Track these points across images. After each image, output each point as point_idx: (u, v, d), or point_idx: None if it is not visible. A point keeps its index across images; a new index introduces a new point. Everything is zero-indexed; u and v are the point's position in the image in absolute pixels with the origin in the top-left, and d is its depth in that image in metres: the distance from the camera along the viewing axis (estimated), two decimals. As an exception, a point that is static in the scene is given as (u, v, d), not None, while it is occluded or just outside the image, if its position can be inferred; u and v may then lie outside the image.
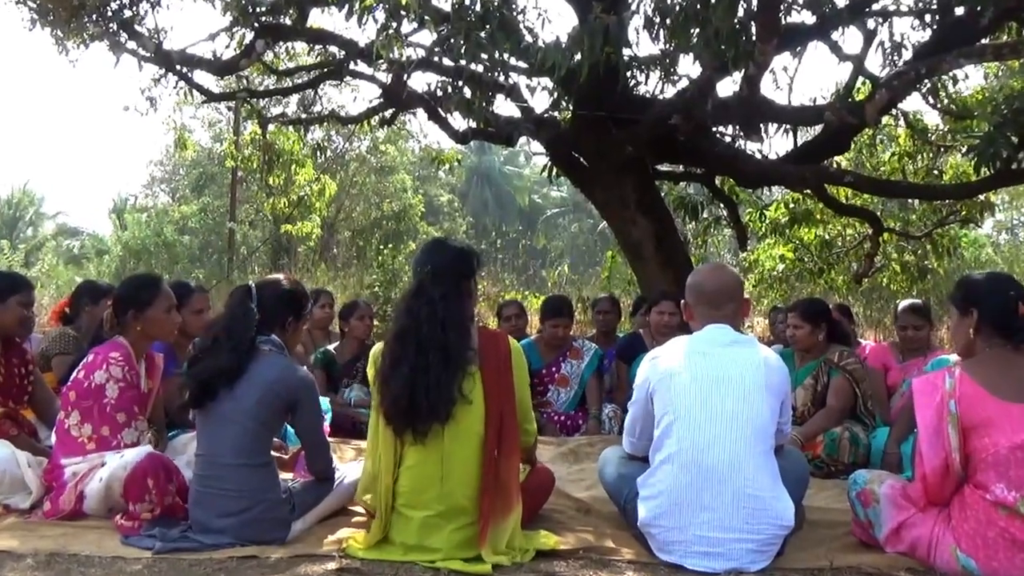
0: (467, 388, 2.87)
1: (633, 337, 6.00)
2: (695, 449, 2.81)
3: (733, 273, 3.19)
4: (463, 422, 2.87)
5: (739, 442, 2.80)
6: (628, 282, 11.73)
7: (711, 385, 2.87)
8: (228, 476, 2.99)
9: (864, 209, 9.17)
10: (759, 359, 2.93)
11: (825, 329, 4.77)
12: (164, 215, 22.99)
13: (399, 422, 2.87)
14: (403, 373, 2.84)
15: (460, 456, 2.88)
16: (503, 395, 2.94)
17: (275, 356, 3.13)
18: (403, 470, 2.92)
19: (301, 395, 3.10)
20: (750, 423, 2.82)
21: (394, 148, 23.56)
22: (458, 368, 2.86)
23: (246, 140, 10.76)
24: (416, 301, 2.91)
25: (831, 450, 4.44)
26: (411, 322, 2.88)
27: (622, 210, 7.26)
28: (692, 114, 6.25)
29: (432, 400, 2.81)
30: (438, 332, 2.85)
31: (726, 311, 3.05)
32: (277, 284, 3.30)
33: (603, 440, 5.13)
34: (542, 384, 5.76)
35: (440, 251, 3.04)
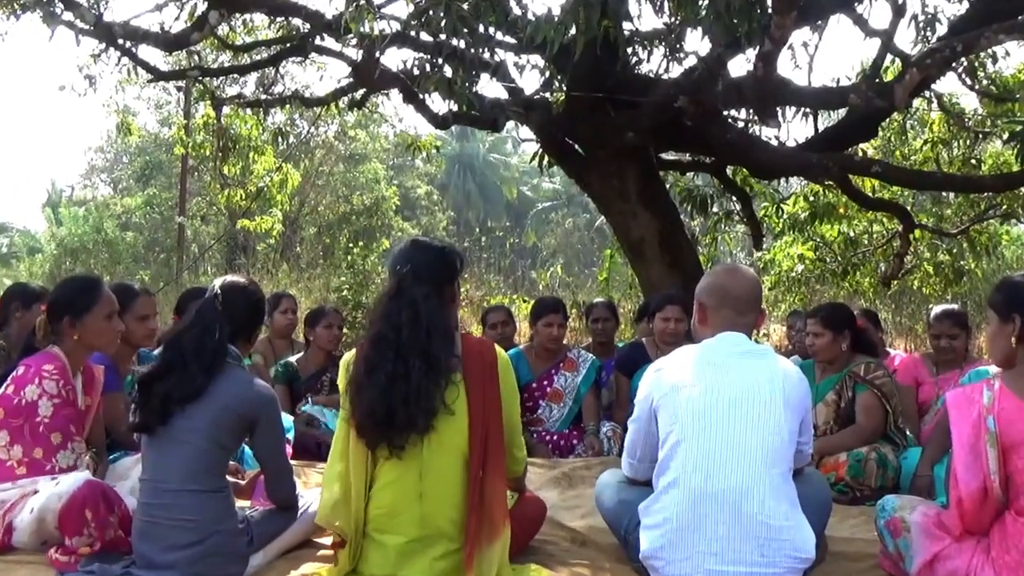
0: (450, 398, 2.89)
1: (634, 347, 6.01)
2: (704, 472, 2.82)
3: (757, 278, 3.24)
4: (445, 435, 2.89)
5: (754, 464, 2.80)
6: (628, 285, 11.77)
7: (723, 400, 2.88)
8: (177, 504, 2.98)
9: (893, 203, 9.21)
10: (777, 371, 2.94)
11: (849, 338, 4.79)
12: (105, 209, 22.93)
13: (373, 434, 2.88)
14: (379, 380, 2.86)
15: (441, 472, 2.90)
16: (489, 408, 2.96)
17: (235, 370, 3.12)
18: (377, 489, 2.93)
19: (261, 412, 3.09)
20: (766, 443, 2.83)
21: (365, 134, 23.56)
22: (441, 375, 2.88)
23: (198, 124, 10.71)
24: (396, 304, 2.93)
25: (856, 473, 4.46)
26: (390, 327, 2.90)
27: (622, 203, 7.27)
28: (700, 96, 6.27)
29: (411, 409, 2.83)
30: (421, 337, 2.88)
31: (748, 319, 3.09)
32: (245, 288, 3.30)
33: (600, 463, 5.13)
34: (532, 399, 5.77)
35: (420, 251, 3.06)
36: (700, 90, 6.24)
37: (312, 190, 22.56)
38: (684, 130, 7.07)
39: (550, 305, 5.90)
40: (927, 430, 5.03)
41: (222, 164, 10.44)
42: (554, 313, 5.81)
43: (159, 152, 24.20)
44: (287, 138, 11.32)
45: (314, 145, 22.47)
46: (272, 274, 14.63)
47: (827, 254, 11.29)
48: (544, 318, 5.80)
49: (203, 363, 3.04)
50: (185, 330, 3.13)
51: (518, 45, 6.81)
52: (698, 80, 6.25)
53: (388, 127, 23.36)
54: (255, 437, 3.13)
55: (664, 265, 7.21)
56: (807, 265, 11.38)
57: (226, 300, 3.18)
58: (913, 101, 7.11)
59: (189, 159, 17.42)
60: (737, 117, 7.77)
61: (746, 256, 18.88)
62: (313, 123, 18.99)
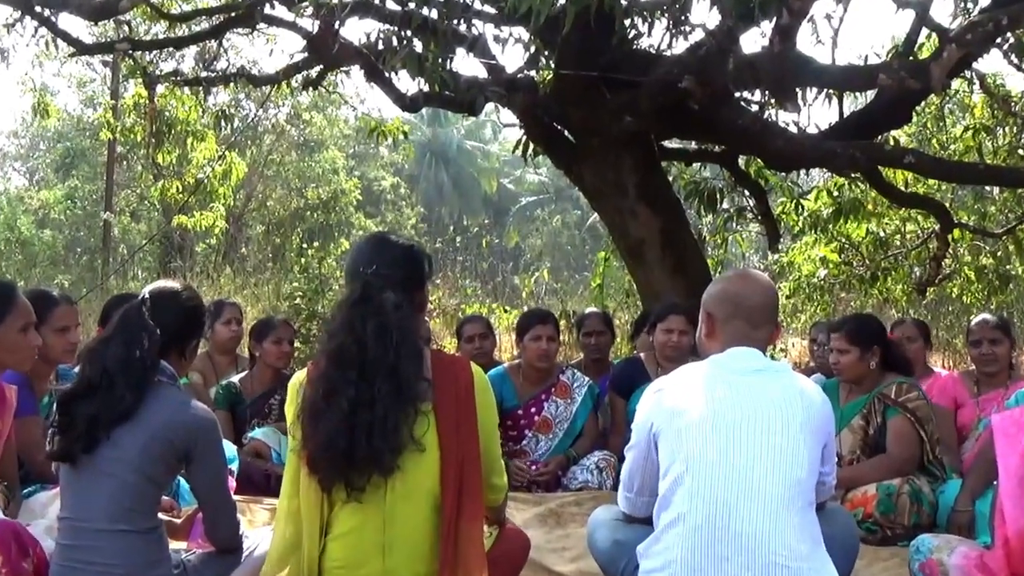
0: (419, 431, 2.84)
1: (631, 363, 6.02)
2: (713, 508, 2.82)
3: (773, 286, 3.25)
4: (413, 475, 2.84)
5: (769, 499, 2.81)
6: (626, 293, 11.78)
7: (734, 425, 2.88)
8: (102, 546, 2.96)
9: (929, 199, 9.27)
10: (795, 392, 2.95)
11: (879, 354, 4.81)
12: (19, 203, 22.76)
13: (329, 473, 2.82)
14: (341, 407, 2.78)
15: (409, 520, 2.86)
16: (464, 442, 2.92)
17: (169, 390, 3.10)
18: (333, 539, 2.88)
19: (200, 440, 3.07)
20: (784, 474, 2.83)
21: (322, 117, 23.53)
22: (410, 403, 2.83)
23: (127, 105, 10.68)
24: (360, 311, 2.86)
25: (887, 509, 4.47)
26: (353, 340, 2.83)
27: (618, 199, 7.29)
28: (709, 76, 6.30)
29: (375, 444, 2.77)
30: (389, 355, 2.81)
31: (762, 332, 3.09)
32: (179, 294, 3.28)
33: (592, 497, 5.15)
34: (517, 428, 5.78)
35: (386, 249, 3.02)
36: (708, 69, 6.26)
37: (260, 182, 22.50)
38: (690, 115, 7.10)
39: (539, 316, 5.91)
40: (968, 459, 5.06)
41: (155, 152, 10.40)
42: (543, 324, 5.79)
43: (82, 138, 24.08)
44: (231, 122, 11.27)
45: (263, 130, 22.42)
46: (213, 279, 14.55)
47: (853, 257, 11.34)
48: (532, 331, 5.79)
49: (131, 380, 3.00)
50: (107, 341, 3.08)
51: (499, 16, 6.82)
52: (706, 57, 6.28)
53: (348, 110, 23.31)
54: (192, 468, 3.11)
55: (666, 270, 7.23)
56: (831, 270, 11.42)
57: (156, 307, 3.14)
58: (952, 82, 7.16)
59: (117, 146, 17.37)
60: (751, 100, 7.81)
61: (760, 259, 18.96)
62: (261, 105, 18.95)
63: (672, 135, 8.20)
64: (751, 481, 2.81)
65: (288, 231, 20.91)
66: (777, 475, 2.82)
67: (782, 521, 2.80)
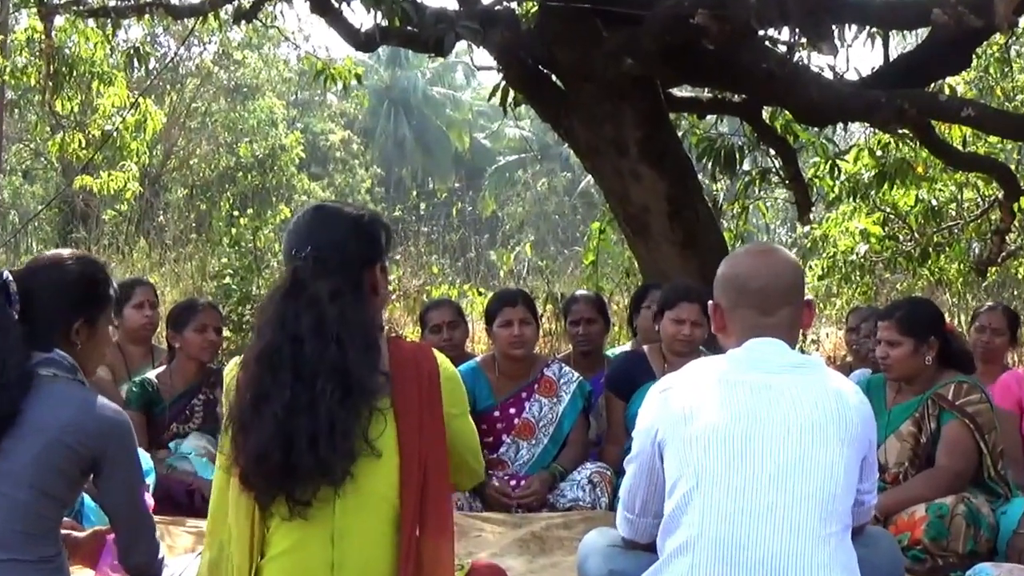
0: (374, 432, 2.86)
1: (631, 359, 6.03)
2: (728, 533, 2.82)
3: (790, 259, 3.22)
4: (367, 484, 2.86)
5: (796, 522, 2.81)
6: (625, 272, 11.78)
7: (754, 433, 2.89)
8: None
9: (992, 160, 9.28)
10: (829, 392, 2.96)
11: (936, 347, 4.82)
12: None
13: (266, 488, 2.83)
14: (273, 413, 2.80)
15: (362, 534, 2.87)
16: (428, 442, 2.94)
17: (65, 385, 3.08)
18: (271, 559, 2.88)
19: (111, 446, 3.06)
20: (815, 492, 2.83)
21: (257, 57, 23.41)
22: (362, 403, 2.85)
23: (19, 42, 10.59)
24: (290, 304, 2.89)
25: (938, 533, 4.48)
26: (284, 337, 2.86)
27: (617, 158, 7.28)
28: (727, 9, 6.28)
29: (321, 452, 2.79)
30: (331, 350, 2.84)
31: (778, 318, 3.08)
32: (56, 266, 3.25)
33: (584, 519, 5.15)
34: (493, 432, 5.78)
35: (327, 224, 3.04)
36: (726, 1, 6.25)
37: (182, 136, 22.38)
38: (704, 57, 7.08)
39: (506, 298, 5.91)
40: (1036, 472, 5.10)
41: (53, 98, 10.31)
42: (511, 307, 5.78)
43: (-37, 81, 23.90)
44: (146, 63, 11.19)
45: (185, 73, 22.29)
46: (124, 254, 14.48)
47: (900, 230, 11.38)
48: (500, 315, 5.78)
49: (6, 377, 2.99)
50: None
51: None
52: (724, -14, 6.27)
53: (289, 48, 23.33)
54: (101, 481, 3.10)
55: (675, 245, 7.24)
56: (872, 245, 11.45)
57: (24, 284, 3.14)
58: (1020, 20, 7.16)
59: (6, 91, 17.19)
60: (777, 39, 7.81)
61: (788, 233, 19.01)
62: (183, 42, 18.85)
63: (682, 81, 8.19)
64: (774, 501, 2.82)
65: (216, 195, 20.84)
66: (806, 494, 2.83)
67: (811, 549, 2.81)
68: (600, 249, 11.77)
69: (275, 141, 23.03)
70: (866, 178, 10.05)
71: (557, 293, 11.68)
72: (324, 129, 31.87)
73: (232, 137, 23.04)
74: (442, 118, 42.41)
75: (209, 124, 22.94)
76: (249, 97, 23.63)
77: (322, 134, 31.59)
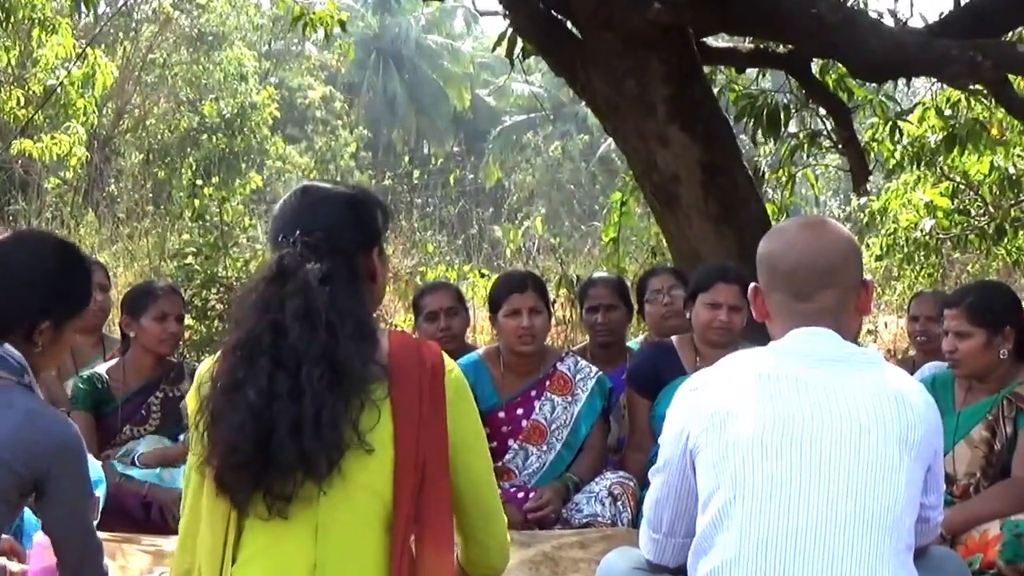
0: (366, 424, 2.87)
1: (657, 351, 6.02)
2: (772, 554, 2.82)
3: (835, 235, 3.18)
4: (355, 478, 2.87)
5: (850, 543, 2.81)
6: (651, 251, 11.77)
7: (800, 439, 2.88)
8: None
9: (1078, 122, 9.28)
10: (889, 392, 2.95)
11: (1012, 339, 4.81)
12: None
13: (241, 484, 2.84)
14: (247, 402, 2.82)
15: (347, 532, 2.88)
16: (429, 439, 2.95)
17: (8, 391, 3.10)
18: (244, 562, 2.90)
19: (56, 467, 3.07)
20: (872, 508, 2.83)
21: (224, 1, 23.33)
22: (354, 390, 2.86)
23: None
24: (274, 290, 2.91)
25: (1015, 554, 4.48)
26: (266, 324, 2.88)
27: (642, 119, 7.27)
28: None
29: (306, 441, 2.80)
30: (320, 336, 2.86)
31: (818, 304, 3.06)
32: (35, 253, 3.25)
33: (603, 536, 5.15)
34: (498, 437, 5.77)
35: (316, 206, 3.08)
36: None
37: (137, 92, 22.35)
38: (744, 1, 7.07)
39: (514, 283, 5.85)
40: None
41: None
42: (520, 293, 5.74)
43: None
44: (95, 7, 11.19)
45: (140, 19, 22.26)
46: (70, 228, 14.49)
47: (972, 203, 11.35)
48: (506, 303, 5.76)
49: None
50: None
51: None
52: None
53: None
54: (45, 503, 3.11)
55: (709, 218, 7.23)
56: (940, 220, 11.43)
57: None
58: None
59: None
60: (830, -21, 7.78)
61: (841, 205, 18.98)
62: (139, -18, 18.85)
63: (719, 30, 8.17)
64: (824, 518, 2.82)
65: (176, 161, 20.84)
66: (861, 509, 2.83)
67: (866, 572, 2.81)
68: (622, 224, 11.78)
69: (245, 98, 23.04)
70: (932, 142, 10.04)
71: (572, 275, 11.69)
72: (302, 84, 31.87)
73: (195, 94, 23.05)
74: (439, 72, 42.37)
75: (168, 78, 22.87)
76: (215, 47, 23.55)
77: (299, 90, 31.61)
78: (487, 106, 43.03)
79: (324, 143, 30.15)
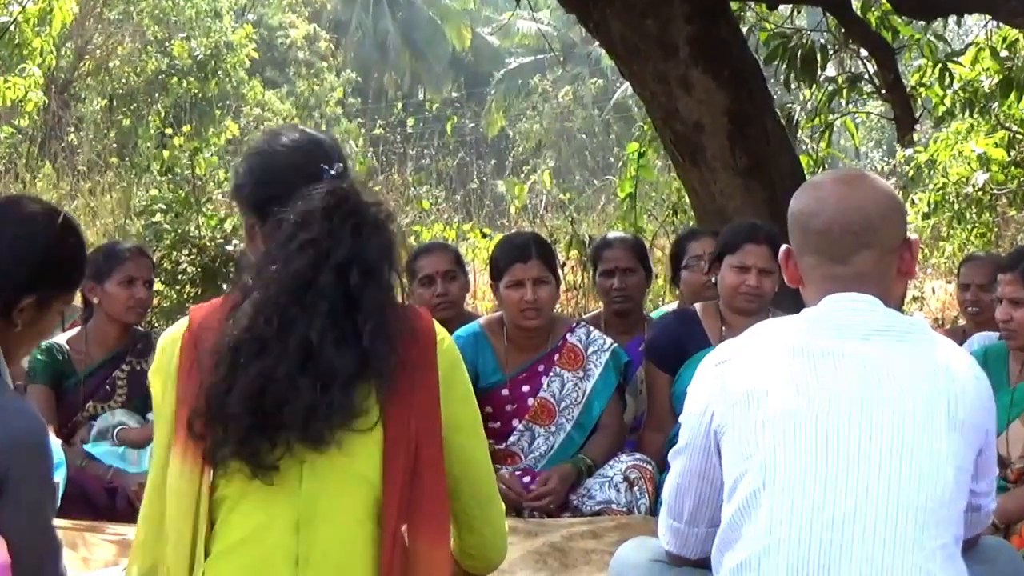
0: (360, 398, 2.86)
1: (679, 320, 6.03)
2: (804, 547, 2.83)
3: (880, 189, 3.16)
4: (343, 461, 2.87)
5: (892, 533, 2.81)
6: (672, 208, 11.77)
7: (836, 419, 2.88)
8: None
9: None
10: (936, 366, 2.95)
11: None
12: None
13: (230, 436, 2.82)
14: (299, 343, 2.82)
15: (334, 523, 2.89)
16: (420, 420, 2.96)
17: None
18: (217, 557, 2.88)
19: (16, 465, 3.07)
20: (916, 495, 2.83)
21: (196, -72, 23.32)
22: (385, 341, 2.87)
23: None
24: (328, 226, 2.91)
25: (1074, 544, 4.51)
26: (324, 262, 2.88)
27: (662, 61, 7.26)
28: None
29: (334, 395, 2.81)
30: (375, 283, 2.91)
31: (860, 265, 3.04)
32: (25, 220, 3.24)
33: (618, 526, 5.18)
34: (501, 416, 5.81)
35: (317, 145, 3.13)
36: None
37: (99, 31, 22.32)
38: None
39: (517, 250, 5.78)
40: None
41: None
42: (523, 263, 5.68)
43: None
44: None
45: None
46: (25, 182, 14.50)
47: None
48: (508, 274, 5.72)
49: None
50: None
51: None
52: None
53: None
54: (2, 504, 3.11)
55: (737, 172, 7.24)
56: (994, 173, 11.42)
57: None
58: None
59: None
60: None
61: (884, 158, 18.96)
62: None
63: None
64: (863, 507, 2.82)
65: (143, 108, 20.81)
66: (904, 497, 2.83)
67: (911, 566, 2.81)
68: (640, 179, 11.77)
69: (219, 38, 22.99)
70: (986, 86, 10.02)
71: (584, 235, 11.68)
72: (283, 22, 31.81)
73: (164, 32, 22.99)
74: (436, 8, 42.32)
75: (134, 15, 22.81)
76: (185, -19, 23.56)
77: (280, 29, 31.54)
78: (489, 47, 42.95)
79: (307, 88, 30.10)
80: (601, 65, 34.74)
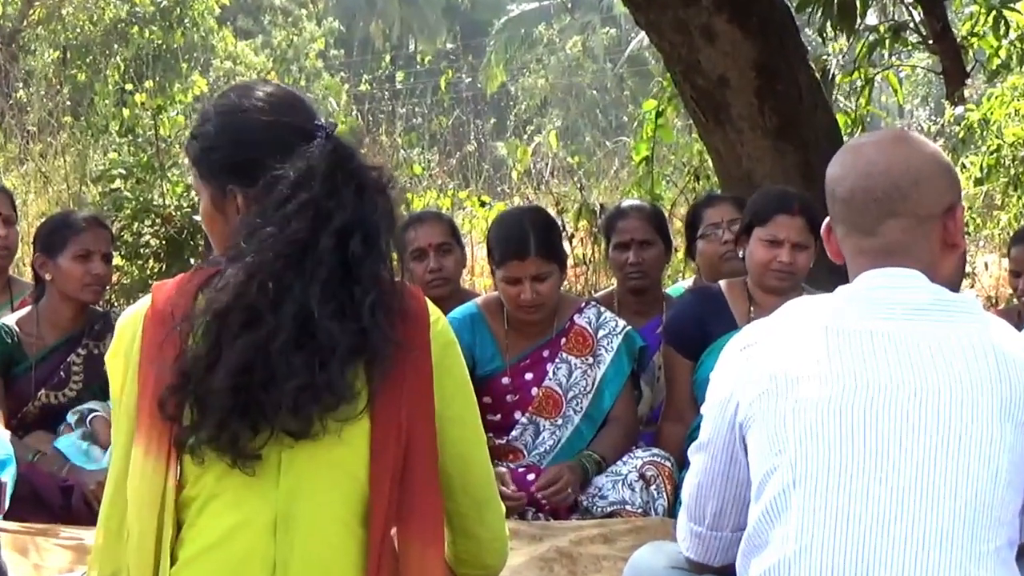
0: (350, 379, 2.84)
1: (701, 298, 6.04)
2: (837, 552, 2.84)
3: (917, 150, 3.14)
4: (327, 454, 2.87)
5: (938, 536, 2.81)
6: (694, 173, 11.77)
7: (875, 409, 2.89)
8: None
9: None
10: (987, 349, 2.94)
11: None
12: None
13: (203, 425, 2.80)
14: (294, 312, 2.80)
15: (315, 524, 2.89)
16: (412, 411, 2.96)
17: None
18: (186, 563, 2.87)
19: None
20: (965, 495, 2.84)
21: None
22: (385, 317, 2.87)
23: None
24: (328, 188, 2.89)
25: None
26: (323, 226, 2.87)
27: (682, 8, 7.27)
28: None
29: (331, 374, 2.79)
30: (373, 250, 2.90)
31: (888, 236, 3.03)
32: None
33: (633, 529, 5.20)
34: (501, 407, 5.83)
35: None
36: None
37: (51, -25, 22.35)
38: None
39: (514, 246, 5.67)
40: None
41: None
42: (519, 260, 5.60)
43: None
44: None
45: None
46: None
47: (1093, 114, 11.35)
48: (504, 268, 5.68)
49: None
50: None
51: None
52: None
53: None
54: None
55: (766, 133, 7.25)
56: (1053, 134, 11.42)
57: None
58: None
59: None
60: None
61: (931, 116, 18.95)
62: None
63: None
64: (905, 506, 2.83)
65: (100, 61, 20.81)
66: (951, 496, 2.83)
67: (958, 572, 2.81)
68: (657, 140, 11.75)
69: (182, -19, 22.99)
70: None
71: (595, 203, 11.67)
72: (256, -37, 31.85)
73: (123, -23, 22.98)
74: (428, -53, 42.33)
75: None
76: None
77: (253, -30, 31.57)
78: (489, -8, 42.98)
79: (284, 38, 30.09)
80: (614, 12, 34.76)
